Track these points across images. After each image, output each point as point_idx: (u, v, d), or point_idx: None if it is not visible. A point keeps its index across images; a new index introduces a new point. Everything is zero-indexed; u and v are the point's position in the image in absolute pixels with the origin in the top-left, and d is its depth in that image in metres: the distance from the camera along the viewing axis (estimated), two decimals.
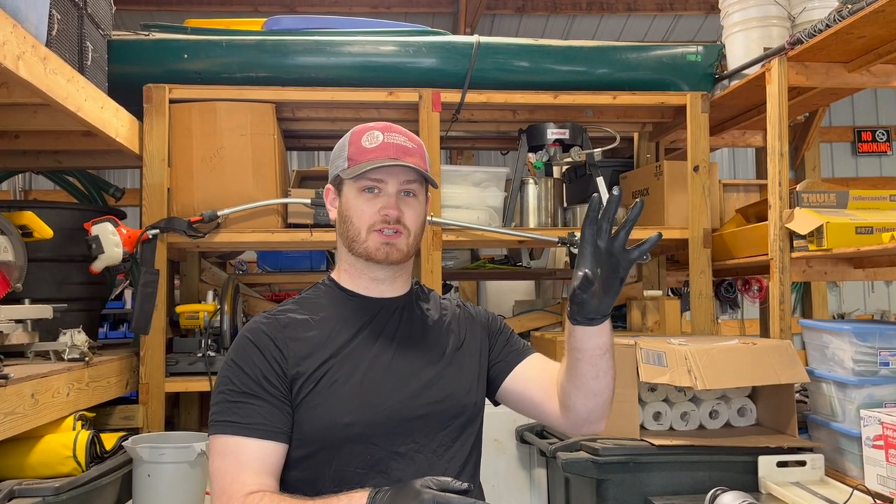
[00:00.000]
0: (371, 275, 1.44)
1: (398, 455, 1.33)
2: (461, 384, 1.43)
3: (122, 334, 4.47)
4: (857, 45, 2.62)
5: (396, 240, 1.40)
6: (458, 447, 1.40)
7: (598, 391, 1.37)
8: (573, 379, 1.36)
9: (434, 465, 1.35)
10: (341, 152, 1.44)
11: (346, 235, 1.42)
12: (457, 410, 1.40)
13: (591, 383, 1.35)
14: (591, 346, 1.31)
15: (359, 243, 1.40)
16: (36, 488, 1.95)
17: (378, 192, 1.40)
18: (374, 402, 1.33)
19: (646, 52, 3.33)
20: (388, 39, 3.19)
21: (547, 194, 3.34)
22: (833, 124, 7.65)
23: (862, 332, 2.37)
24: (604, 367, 1.34)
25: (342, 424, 1.31)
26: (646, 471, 2.37)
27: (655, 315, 3.33)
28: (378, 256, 1.40)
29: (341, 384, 1.33)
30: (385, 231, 1.39)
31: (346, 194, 1.43)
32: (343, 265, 1.48)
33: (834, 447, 2.45)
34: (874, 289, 7.47)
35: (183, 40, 3.09)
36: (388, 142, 1.40)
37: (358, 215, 1.40)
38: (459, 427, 1.41)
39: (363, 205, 1.40)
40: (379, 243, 1.39)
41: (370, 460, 1.31)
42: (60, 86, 2.12)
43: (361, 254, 1.41)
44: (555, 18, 6.83)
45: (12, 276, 2.38)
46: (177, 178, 2.97)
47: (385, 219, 1.38)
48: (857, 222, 2.52)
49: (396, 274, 1.46)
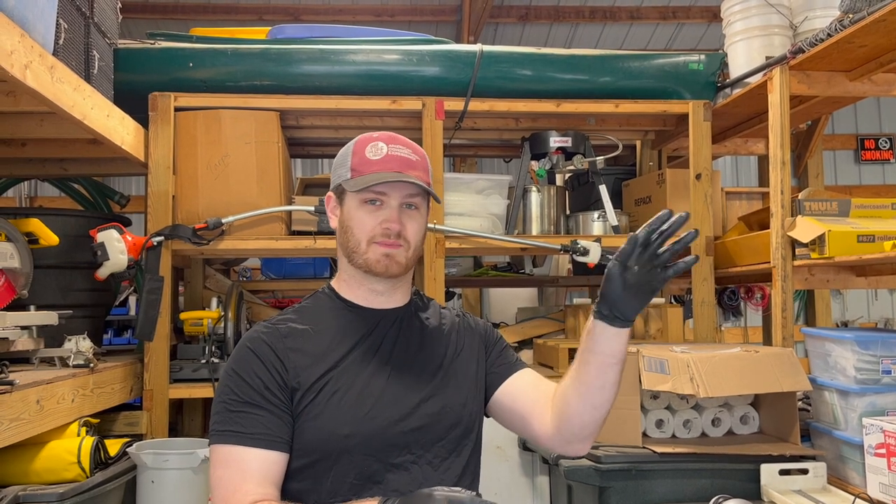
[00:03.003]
0: (370, 286, 1.45)
1: (394, 466, 1.33)
2: (458, 396, 1.44)
3: (126, 340, 4.48)
4: (858, 54, 2.63)
5: (396, 251, 1.40)
6: (454, 458, 1.40)
7: (598, 405, 1.36)
8: (578, 385, 1.36)
9: (430, 476, 1.35)
10: (344, 161, 1.44)
11: (347, 246, 1.43)
12: (452, 422, 1.41)
13: (594, 393, 1.35)
14: (605, 349, 1.31)
15: (359, 255, 1.41)
16: (41, 494, 1.96)
17: (380, 205, 1.40)
18: (372, 415, 1.34)
19: (648, 60, 3.35)
20: (391, 48, 3.21)
21: (549, 202, 3.35)
22: (836, 132, 7.66)
23: (864, 341, 2.37)
24: (611, 378, 1.34)
25: (341, 436, 1.31)
26: (648, 478, 2.37)
27: (658, 322, 3.33)
28: (377, 269, 1.40)
29: (340, 396, 1.34)
30: (385, 244, 1.39)
31: (347, 204, 1.43)
32: (343, 275, 1.49)
33: (836, 455, 2.45)
34: (878, 297, 7.46)
35: (188, 49, 3.11)
36: (391, 154, 1.40)
37: (359, 227, 1.40)
38: (456, 439, 1.41)
39: (365, 216, 1.40)
40: (379, 255, 1.39)
41: (367, 472, 1.32)
42: (67, 94, 2.14)
43: (361, 265, 1.41)
44: (558, 27, 6.86)
45: (18, 283, 2.39)
46: (182, 186, 2.99)
47: (386, 232, 1.38)
48: (859, 230, 2.52)
49: (396, 286, 1.46)
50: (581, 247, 3.03)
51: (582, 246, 3.03)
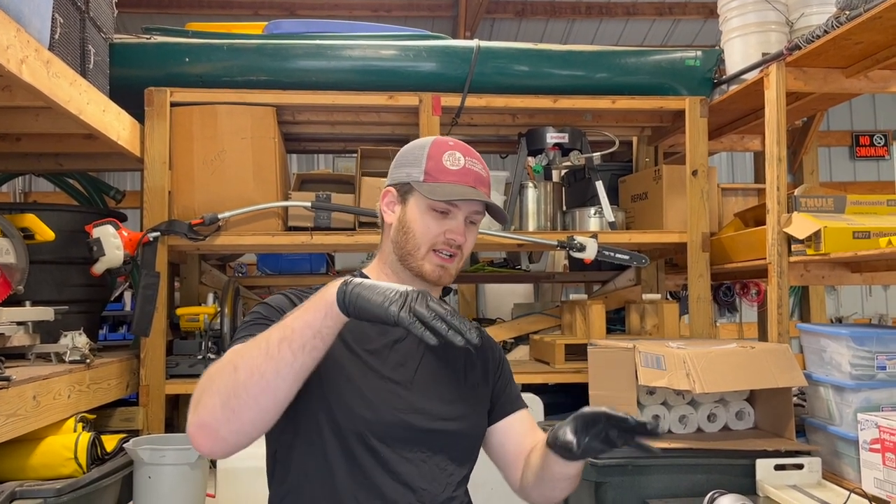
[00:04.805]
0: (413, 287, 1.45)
1: (406, 460, 1.33)
2: (475, 408, 1.46)
3: (121, 336, 4.47)
4: (854, 51, 2.64)
5: (451, 264, 1.41)
6: (457, 468, 1.40)
7: (550, 497, 1.43)
8: (536, 477, 1.41)
9: (437, 477, 1.36)
10: (417, 161, 1.43)
11: (404, 247, 1.41)
12: (467, 431, 1.43)
13: (547, 487, 1.41)
14: (558, 470, 1.35)
15: (415, 259, 1.40)
16: (37, 490, 1.96)
17: (447, 215, 1.40)
18: (397, 406, 1.34)
19: (645, 56, 3.35)
20: (388, 43, 3.20)
21: (546, 198, 3.35)
22: (831, 129, 7.68)
23: (859, 337, 2.38)
24: (564, 486, 1.40)
25: (362, 418, 1.31)
26: (644, 474, 2.38)
27: (654, 318, 3.34)
28: (431, 278, 1.40)
29: (369, 380, 1.34)
30: (443, 253, 1.40)
31: (412, 205, 1.41)
32: (385, 269, 1.47)
33: (831, 450, 2.46)
34: (872, 293, 7.49)
35: (184, 44, 3.11)
36: (468, 167, 1.41)
37: (423, 232, 1.39)
38: (467, 449, 1.43)
39: (431, 222, 1.39)
40: (435, 265, 1.40)
41: (381, 459, 1.32)
42: (63, 89, 2.13)
43: (414, 269, 1.41)
44: (554, 23, 6.86)
45: (14, 279, 2.39)
46: (177, 181, 2.98)
47: (450, 242, 1.39)
48: (855, 227, 2.53)
49: (434, 291, 1.47)
50: (577, 243, 3.04)
51: (578, 242, 3.04)
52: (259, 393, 1.12)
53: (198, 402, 1.17)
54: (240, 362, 1.14)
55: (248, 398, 1.13)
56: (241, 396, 1.13)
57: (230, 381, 1.14)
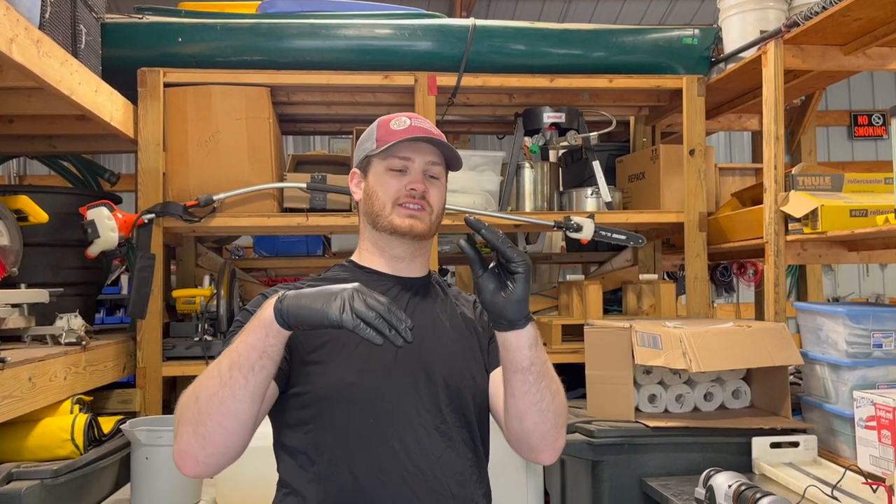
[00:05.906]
0: (391, 252, 1.47)
1: (401, 412, 1.33)
2: (470, 367, 1.45)
3: (118, 319, 4.46)
4: (853, 28, 2.61)
5: (420, 214, 1.43)
6: (460, 429, 1.39)
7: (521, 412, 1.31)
8: (506, 397, 1.33)
9: (437, 444, 1.34)
10: (369, 136, 1.49)
11: (371, 211, 1.46)
12: (464, 390, 1.41)
13: (510, 403, 1.32)
14: (508, 360, 1.28)
15: (383, 217, 1.44)
16: (34, 471, 1.96)
17: (405, 172, 1.44)
18: (383, 363, 1.34)
19: (642, 35, 3.32)
20: (383, 22, 3.17)
21: (543, 178, 3.34)
22: (829, 108, 7.65)
23: (856, 315, 2.39)
24: (518, 387, 1.29)
25: (346, 383, 1.32)
26: (641, 452, 2.40)
27: (651, 298, 3.34)
28: (402, 228, 1.42)
29: (351, 348, 1.34)
30: (410, 206, 1.42)
31: (372, 173, 1.47)
32: (364, 244, 1.51)
33: (827, 428, 2.47)
34: (869, 272, 7.50)
35: (177, 23, 3.07)
36: (415, 125, 1.45)
37: (385, 190, 1.44)
38: (465, 408, 1.41)
39: (390, 180, 1.44)
40: (403, 216, 1.42)
41: (373, 424, 1.32)
42: (54, 69, 2.11)
43: (385, 227, 1.44)
44: (551, 2, 6.80)
45: (8, 261, 2.38)
46: (172, 163, 2.96)
47: (411, 193, 1.42)
48: (852, 205, 2.53)
49: (416, 253, 1.48)
50: (574, 223, 3.03)
51: (575, 222, 3.03)
52: (222, 418, 1.18)
53: (176, 433, 1.24)
54: (200, 392, 1.20)
55: (213, 424, 1.19)
56: (206, 424, 1.19)
57: (195, 410, 1.20)
